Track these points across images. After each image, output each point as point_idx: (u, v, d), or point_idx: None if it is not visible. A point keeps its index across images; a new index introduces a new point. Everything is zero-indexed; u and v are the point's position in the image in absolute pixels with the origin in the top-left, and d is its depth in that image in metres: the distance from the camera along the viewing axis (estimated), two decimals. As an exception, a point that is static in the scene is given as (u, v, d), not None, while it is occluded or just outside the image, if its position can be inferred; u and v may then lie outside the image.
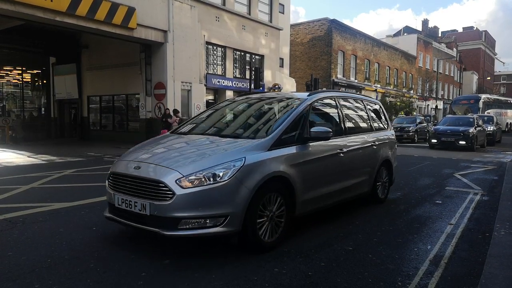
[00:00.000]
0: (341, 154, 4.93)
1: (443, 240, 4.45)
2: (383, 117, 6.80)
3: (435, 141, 17.46)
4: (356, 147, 5.36)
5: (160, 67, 16.88)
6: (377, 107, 6.78)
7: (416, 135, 22.27)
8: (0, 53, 20.06)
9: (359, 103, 6.20)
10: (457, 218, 5.41)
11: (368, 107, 6.34)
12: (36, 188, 7.21)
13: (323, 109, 5.36)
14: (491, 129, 21.04)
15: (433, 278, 3.38)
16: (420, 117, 26.34)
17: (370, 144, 5.72)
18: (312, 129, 4.36)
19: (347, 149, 5.07)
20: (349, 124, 5.50)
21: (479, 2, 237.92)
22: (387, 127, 6.76)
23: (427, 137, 21.78)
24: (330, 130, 4.42)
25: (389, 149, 6.37)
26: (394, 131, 23.83)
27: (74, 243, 4.14)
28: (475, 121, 18.00)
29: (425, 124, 24.19)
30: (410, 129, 22.26)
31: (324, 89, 23.82)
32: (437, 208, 6.04)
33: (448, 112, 38.15)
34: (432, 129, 19.46)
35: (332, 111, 5.40)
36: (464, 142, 16.56)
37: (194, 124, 5.28)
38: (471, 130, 16.84)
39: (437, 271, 3.55)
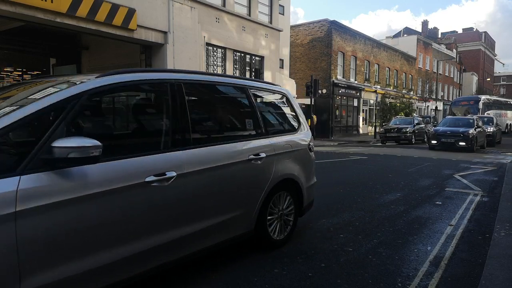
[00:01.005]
0: (165, 182, 2.78)
1: (443, 241, 4.45)
2: (289, 113, 4.64)
3: (435, 142, 17.41)
4: (209, 166, 3.17)
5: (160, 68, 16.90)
6: (277, 97, 4.62)
7: (413, 136, 21.95)
8: (0, 54, 20.06)
9: (236, 92, 3.95)
10: (457, 219, 5.41)
11: (260, 98, 4.23)
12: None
13: (131, 103, 3.42)
14: (491, 130, 21.07)
15: (433, 279, 3.38)
16: (418, 118, 25.74)
17: (247, 158, 3.58)
18: (56, 143, 2.19)
19: (185, 171, 2.93)
20: (200, 128, 3.47)
21: (478, 3, 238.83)
22: (298, 127, 4.57)
23: (425, 138, 21.78)
24: (98, 144, 2.29)
25: (294, 161, 4.20)
26: (391, 132, 22.35)
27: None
28: (475, 122, 18.03)
29: (423, 125, 23.79)
30: (408, 130, 21.83)
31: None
32: (437, 209, 6.04)
33: (448, 113, 38.15)
34: (432, 130, 19.39)
35: (154, 106, 3.42)
36: (464, 143, 16.54)
37: None
38: (471, 131, 16.86)
39: (437, 272, 3.55)
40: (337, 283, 3.27)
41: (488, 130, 20.67)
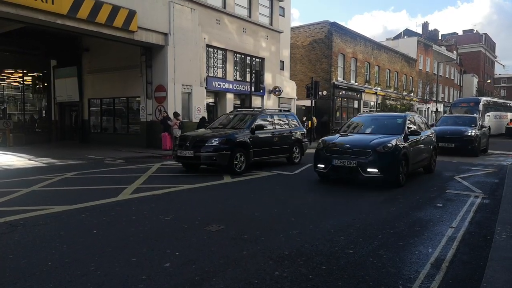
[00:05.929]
0: None
1: (444, 243, 4.44)
2: None
3: (322, 166, 8.28)
4: None
5: (160, 70, 16.91)
6: None
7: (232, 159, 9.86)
8: (1, 56, 20.08)
9: None
10: (458, 221, 5.40)
11: None
12: (37, 191, 7.20)
13: None
14: (472, 134, 14.66)
15: (434, 282, 3.38)
16: (269, 111, 12.36)
17: None
18: None
19: None
20: None
21: (474, 5, 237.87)
22: None
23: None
24: None
25: None
26: (187, 147, 10.21)
27: (75, 246, 4.13)
28: (405, 126, 8.80)
29: (287, 128, 11.95)
30: (213, 144, 9.60)
31: None
32: (438, 211, 6.03)
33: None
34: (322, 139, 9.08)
35: None
36: (376, 170, 7.66)
37: None
38: (393, 142, 7.95)
39: (438, 274, 3.54)
40: (338, 286, 3.26)
41: (469, 134, 14.57)
